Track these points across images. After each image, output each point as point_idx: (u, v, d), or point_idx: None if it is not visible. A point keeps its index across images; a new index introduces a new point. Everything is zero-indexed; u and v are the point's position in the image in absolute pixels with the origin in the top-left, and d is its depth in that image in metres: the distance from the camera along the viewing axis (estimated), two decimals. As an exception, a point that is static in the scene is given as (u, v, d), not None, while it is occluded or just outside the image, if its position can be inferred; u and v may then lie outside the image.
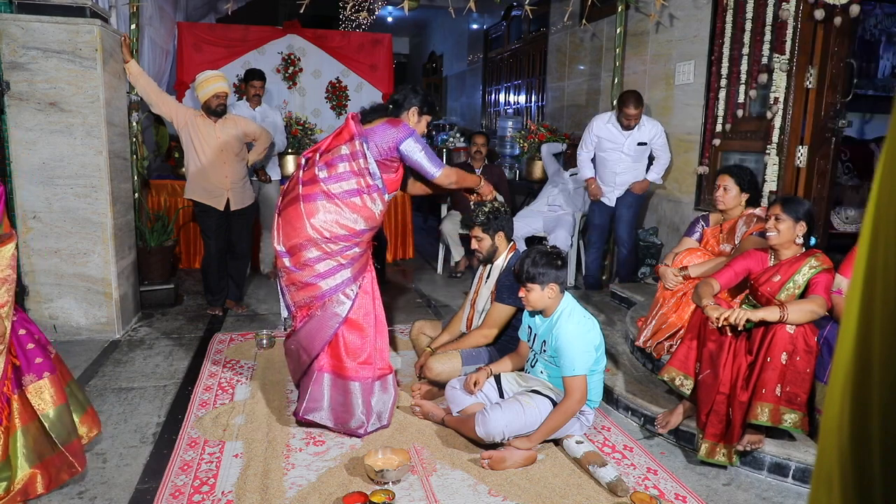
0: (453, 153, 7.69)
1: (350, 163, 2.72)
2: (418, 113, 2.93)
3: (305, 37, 6.81)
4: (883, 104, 6.31)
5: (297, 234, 2.69)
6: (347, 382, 2.74)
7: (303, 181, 2.75)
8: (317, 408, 2.73)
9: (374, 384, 2.81)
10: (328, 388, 2.75)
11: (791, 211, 2.61)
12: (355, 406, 2.73)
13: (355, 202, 2.72)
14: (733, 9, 4.11)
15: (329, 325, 2.71)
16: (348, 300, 2.73)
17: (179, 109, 4.19)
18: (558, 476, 2.46)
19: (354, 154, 2.72)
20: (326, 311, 2.72)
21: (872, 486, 0.44)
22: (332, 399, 2.75)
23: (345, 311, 2.72)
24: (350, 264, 2.75)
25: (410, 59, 13.87)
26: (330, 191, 2.70)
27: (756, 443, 2.49)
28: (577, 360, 2.52)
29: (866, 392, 0.44)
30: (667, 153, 4.62)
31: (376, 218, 2.78)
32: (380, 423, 2.79)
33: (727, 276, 2.74)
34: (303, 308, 2.77)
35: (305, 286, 2.72)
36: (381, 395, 2.83)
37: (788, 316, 2.42)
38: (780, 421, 2.42)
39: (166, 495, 2.27)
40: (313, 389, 2.73)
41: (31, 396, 2.09)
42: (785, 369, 2.43)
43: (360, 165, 2.72)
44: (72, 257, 3.75)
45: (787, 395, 2.42)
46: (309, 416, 2.72)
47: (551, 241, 5.04)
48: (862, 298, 0.45)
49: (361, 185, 2.72)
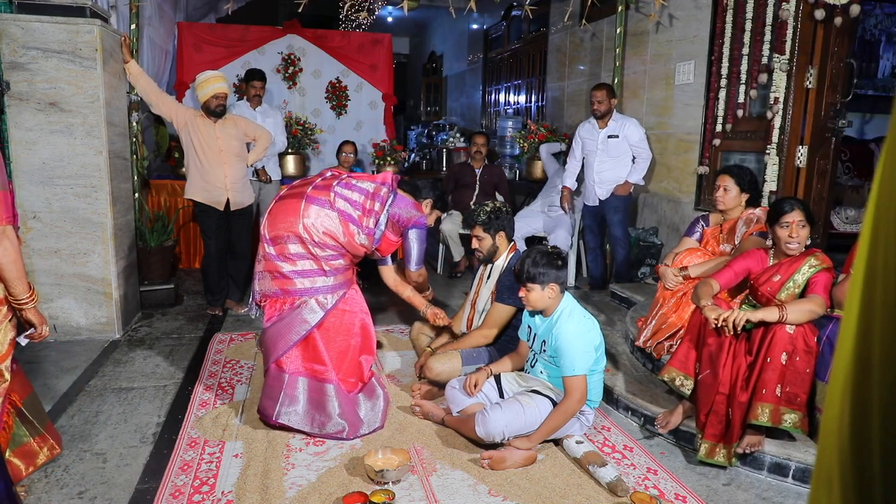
0: (453, 153, 7.68)
1: (366, 199, 2.84)
2: (432, 206, 3.32)
3: (305, 37, 6.80)
4: (883, 104, 6.31)
5: (288, 226, 2.70)
6: (323, 385, 2.72)
7: (316, 185, 2.81)
8: (292, 411, 2.69)
9: (359, 396, 2.82)
10: (303, 392, 2.71)
11: (810, 216, 2.63)
12: (332, 409, 2.70)
13: (349, 226, 2.77)
14: (733, 9, 4.11)
15: (295, 330, 2.69)
16: (321, 310, 2.72)
17: (179, 109, 4.19)
18: (558, 476, 2.46)
19: (376, 196, 2.85)
20: (297, 315, 2.70)
21: (872, 486, 0.44)
22: (309, 402, 2.71)
23: (315, 320, 2.70)
24: (332, 273, 2.76)
25: (410, 59, 13.86)
26: (335, 203, 2.75)
27: (755, 445, 2.48)
28: (577, 360, 2.52)
29: (866, 392, 0.44)
30: (646, 153, 4.64)
31: (356, 248, 2.82)
32: (372, 427, 2.78)
33: (727, 277, 2.74)
34: (272, 301, 2.75)
35: (282, 277, 2.71)
36: (367, 403, 2.84)
37: (787, 316, 2.42)
38: (779, 421, 2.42)
39: (166, 495, 2.26)
40: (287, 393, 2.69)
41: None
42: (785, 369, 2.42)
43: (374, 208, 2.83)
44: (72, 257, 3.75)
45: (787, 395, 2.42)
46: (283, 420, 2.67)
47: (551, 241, 5.04)
48: (862, 298, 0.45)
49: (361, 220, 2.80)
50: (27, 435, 2.23)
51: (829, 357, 2.48)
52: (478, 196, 5.70)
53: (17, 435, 2.19)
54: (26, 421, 2.21)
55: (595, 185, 4.71)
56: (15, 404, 2.16)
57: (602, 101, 4.60)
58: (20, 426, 2.20)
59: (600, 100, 4.61)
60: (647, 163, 4.67)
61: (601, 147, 4.67)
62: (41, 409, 2.33)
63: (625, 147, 4.63)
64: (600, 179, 4.70)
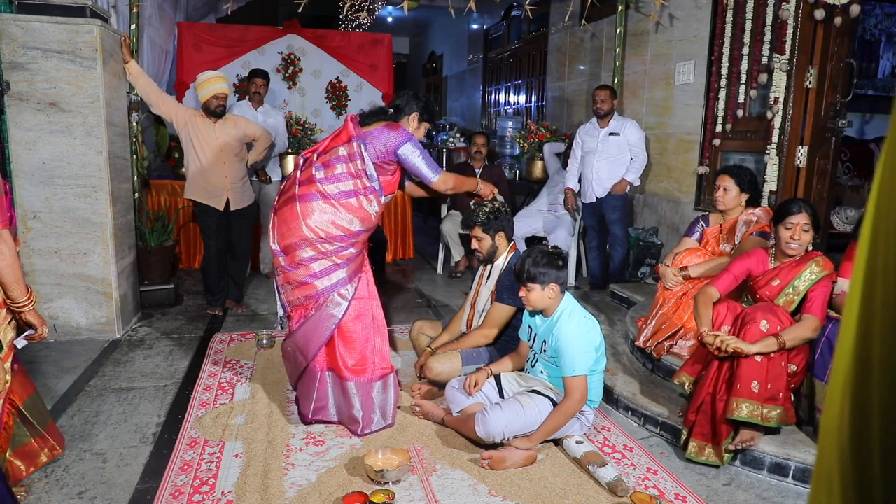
0: (453, 153, 7.68)
1: (347, 164, 2.74)
2: (418, 119, 2.95)
3: (305, 37, 6.81)
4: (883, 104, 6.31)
5: (293, 233, 2.70)
6: (345, 383, 2.77)
7: (300, 181, 2.77)
8: (324, 406, 2.78)
9: (375, 384, 2.81)
10: (331, 387, 2.79)
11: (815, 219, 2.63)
12: (353, 405, 2.76)
13: (351, 203, 2.73)
14: (733, 9, 4.11)
15: (325, 326, 2.72)
16: (344, 301, 2.74)
17: (179, 109, 4.19)
18: (558, 476, 2.45)
19: (352, 155, 2.74)
20: (322, 312, 2.73)
21: (872, 486, 0.44)
22: (336, 397, 2.80)
23: (341, 312, 2.73)
24: (345, 264, 2.76)
25: (410, 59, 13.86)
26: (326, 191, 2.71)
27: (748, 441, 2.49)
28: (578, 361, 2.52)
29: (866, 392, 0.44)
30: (643, 154, 4.68)
31: (372, 219, 2.79)
32: (384, 423, 2.79)
33: (726, 282, 2.74)
34: (298, 308, 2.78)
35: (301, 285, 2.73)
36: (381, 393, 2.83)
37: (786, 345, 2.45)
38: (763, 418, 2.43)
39: (166, 495, 2.26)
40: (319, 390, 2.77)
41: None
42: (759, 366, 2.44)
43: (358, 167, 2.74)
44: (72, 257, 3.75)
45: (767, 392, 2.43)
46: (318, 417, 2.78)
47: (551, 241, 5.05)
48: (862, 298, 0.44)
49: (358, 187, 2.74)
50: (27, 435, 2.23)
51: (829, 357, 2.49)
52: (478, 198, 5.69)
53: (18, 435, 2.19)
54: (26, 422, 2.21)
55: (593, 182, 4.74)
56: (15, 405, 2.16)
57: (604, 100, 4.66)
58: (20, 426, 2.20)
59: (603, 99, 4.66)
60: (643, 165, 4.71)
61: (601, 145, 4.70)
62: (44, 410, 2.33)
63: (624, 145, 4.66)
64: (598, 177, 4.72)
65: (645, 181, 5.14)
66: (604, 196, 4.72)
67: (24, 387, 2.22)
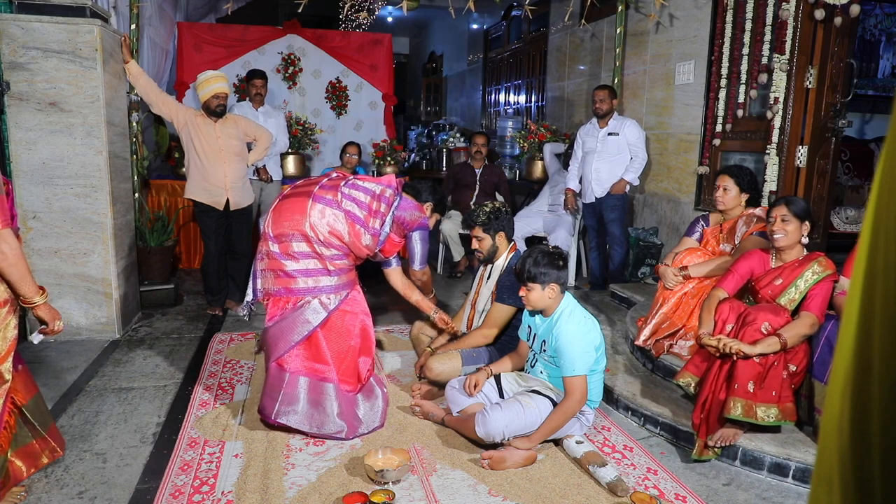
0: (453, 153, 7.68)
1: (373, 200, 2.85)
2: (432, 209, 3.26)
3: (305, 37, 6.80)
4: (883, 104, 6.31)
5: (294, 224, 2.70)
6: (323, 384, 2.71)
7: (322, 184, 2.83)
8: (291, 411, 2.66)
9: (357, 396, 2.82)
10: (303, 392, 2.69)
11: (797, 210, 2.63)
12: (330, 410, 2.68)
13: (355, 227, 2.78)
14: (733, 9, 4.11)
15: (297, 330, 2.68)
16: (324, 310, 2.71)
17: (179, 109, 4.19)
18: (558, 476, 2.45)
19: (381, 198, 2.86)
20: (299, 314, 2.69)
21: (872, 486, 0.44)
22: (308, 402, 2.69)
23: (317, 320, 2.70)
24: (336, 273, 2.76)
25: (410, 59, 13.86)
26: (342, 203, 2.76)
27: (728, 438, 2.50)
28: (578, 361, 2.52)
29: (866, 392, 0.44)
30: (642, 154, 4.68)
31: (359, 250, 2.82)
32: (371, 427, 2.78)
33: (733, 283, 2.77)
34: (276, 300, 2.74)
35: (285, 276, 2.70)
36: (365, 404, 2.83)
37: (787, 343, 2.46)
38: (757, 417, 2.43)
39: (166, 495, 2.26)
40: (287, 392, 2.67)
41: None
42: (755, 366, 2.44)
43: (379, 209, 2.84)
44: (72, 257, 3.75)
45: (762, 392, 2.44)
46: (282, 420, 2.65)
47: (552, 241, 5.05)
48: (862, 298, 0.45)
49: (367, 221, 2.81)
50: (29, 436, 2.22)
51: (829, 358, 2.49)
52: (478, 196, 5.70)
53: (20, 436, 2.19)
54: (27, 422, 2.20)
55: (592, 182, 4.74)
56: (17, 405, 2.16)
57: (604, 100, 4.66)
58: (22, 427, 2.20)
59: (602, 98, 4.67)
60: (643, 164, 4.70)
61: (600, 145, 4.71)
62: (45, 412, 2.32)
63: (623, 145, 4.67)
64: (597, 177, 4.72)
65: (645, 181, 5.15)
66: (603, 196, 4.73)
67: (27, 387, 2.22)
